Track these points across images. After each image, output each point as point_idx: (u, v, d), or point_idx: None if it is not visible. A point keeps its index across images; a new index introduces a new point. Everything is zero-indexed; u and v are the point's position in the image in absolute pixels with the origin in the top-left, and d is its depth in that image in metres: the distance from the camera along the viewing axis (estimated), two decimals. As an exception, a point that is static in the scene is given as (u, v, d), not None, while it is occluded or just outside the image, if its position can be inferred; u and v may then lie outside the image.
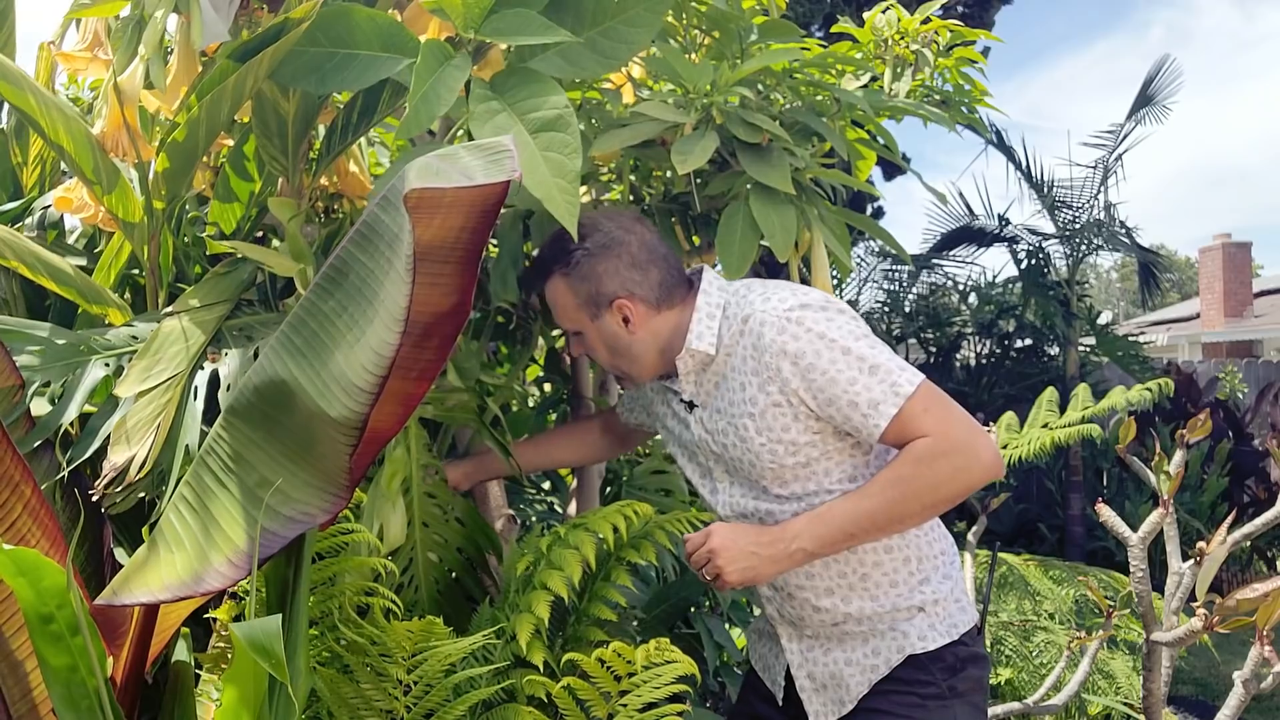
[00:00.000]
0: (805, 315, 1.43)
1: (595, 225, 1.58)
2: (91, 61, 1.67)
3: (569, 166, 1.36)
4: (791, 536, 1.41)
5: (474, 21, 1.45)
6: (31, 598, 0.95)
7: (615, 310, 1.57)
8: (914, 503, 1.39)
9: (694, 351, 1.54)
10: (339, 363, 0.98)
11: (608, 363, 1.63)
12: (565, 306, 1.60)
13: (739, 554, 1.42)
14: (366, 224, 0.99)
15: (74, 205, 1.71)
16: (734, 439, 1.50)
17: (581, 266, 1.57)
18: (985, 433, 1.41)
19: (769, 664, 1.68)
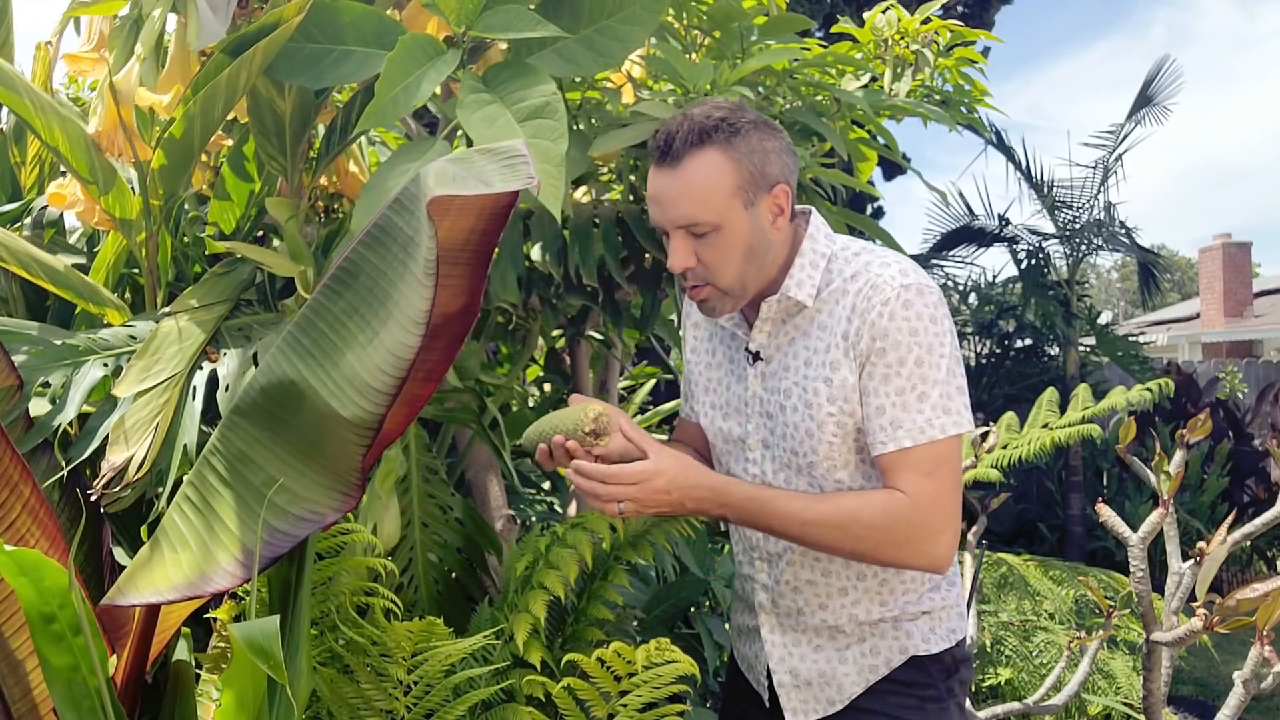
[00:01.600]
0: (917, 300, 1.32)
1: (739, 106, 1.37)
2: (97, 62, 1.67)
3: (555, 151, 1.37)
4: (721, 503, 1.34)
5: (467, 17, 1.46)
6: (33, 597, 0.95)
7: (774, 197, 1.35)
8: (849, 545, 1.33)
9: (789, 299, 1.39)
10: (351, 364, 0.98)
11: (734, 272, 1.36)
12: (713, 190, 1.31)
13: (663, 500, 1.31)
14: (378, 226, 0.99)
15: (67, 201, 1.71)
16: (798, 401, 1.37)
17: (749, 138, 1.33)
18: (955, 530, 1.35)
19: (751, 663, 1.57)
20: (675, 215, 1.33)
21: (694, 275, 1.35)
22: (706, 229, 1.32)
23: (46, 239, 2.05)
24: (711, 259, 1.34)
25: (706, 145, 1.31)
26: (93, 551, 1.39)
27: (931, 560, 1.32)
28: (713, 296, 1.38)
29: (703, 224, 1.32)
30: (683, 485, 1.31)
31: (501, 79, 1.45)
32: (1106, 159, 7.35)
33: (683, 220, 1.32)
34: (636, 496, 1.29)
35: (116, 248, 1.85)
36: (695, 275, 1.35)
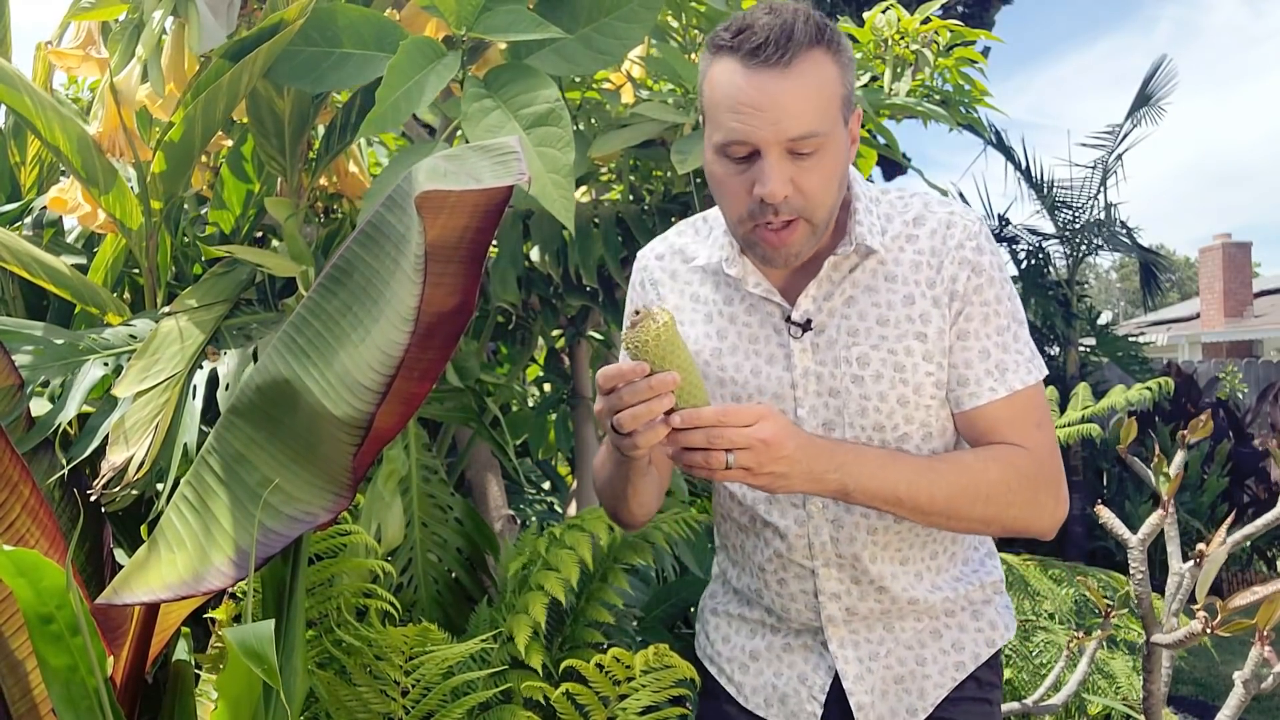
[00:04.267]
0: (987, 233, 1.21)
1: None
2: (84, 60, 1.67)
3: (562, 161, 1.37)
4: (838, 465, 1.09)
5: (467, 19, 1.46)
6: (31, 598, 0.95)
7: (856, 119, 1.19)
8: (977, 510, 1.15)
9: (860, 247, 1.19)
10: (344, 362, 0.98)
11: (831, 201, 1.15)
12: (830, 97, 1.11)
13: (785, 455, 1.05)
14: (372, 224, 0.99)
15: (69, 206, 1.71)
16: (881, 367, 1.18)
17: (845, 50, 1.14)
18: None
19: (794, 687, 1.30)
20: (788, 125, 1.07)
21: (788, 206, 1.10)
22: (816, 144, 1.09)
23: (46, 239, 2.05)
24: (812, 184, 1.11)
25: (820, 46, 1.09)
26: (93, 551, 1.39)
27: (1054, 519, 1.20)
28: (802, 236, 1.14)
29: (818, 135, 1.09)
30: (804, 443, 1.07)
31: (503, 82, 1.45)
32: (1106, 159, 7.35)
33: (798, 131, 1.07)
34: (754, 444, 1.03)
35: (116, 248, 1.86)
36: (790, 206, 1.10)
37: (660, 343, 1.00)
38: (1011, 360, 1.19)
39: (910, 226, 1.21)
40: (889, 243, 1.21)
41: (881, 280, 1.20)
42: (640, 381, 1.01)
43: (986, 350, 1.18)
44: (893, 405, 1.19)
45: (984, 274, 1.19)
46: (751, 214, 1.13)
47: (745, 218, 1.14)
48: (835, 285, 1.21)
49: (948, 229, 1.20)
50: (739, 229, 1.16)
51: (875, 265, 1.21)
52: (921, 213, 1.22)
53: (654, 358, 1.00)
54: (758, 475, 1.05)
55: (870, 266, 1.21)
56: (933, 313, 1.18)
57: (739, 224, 1.15)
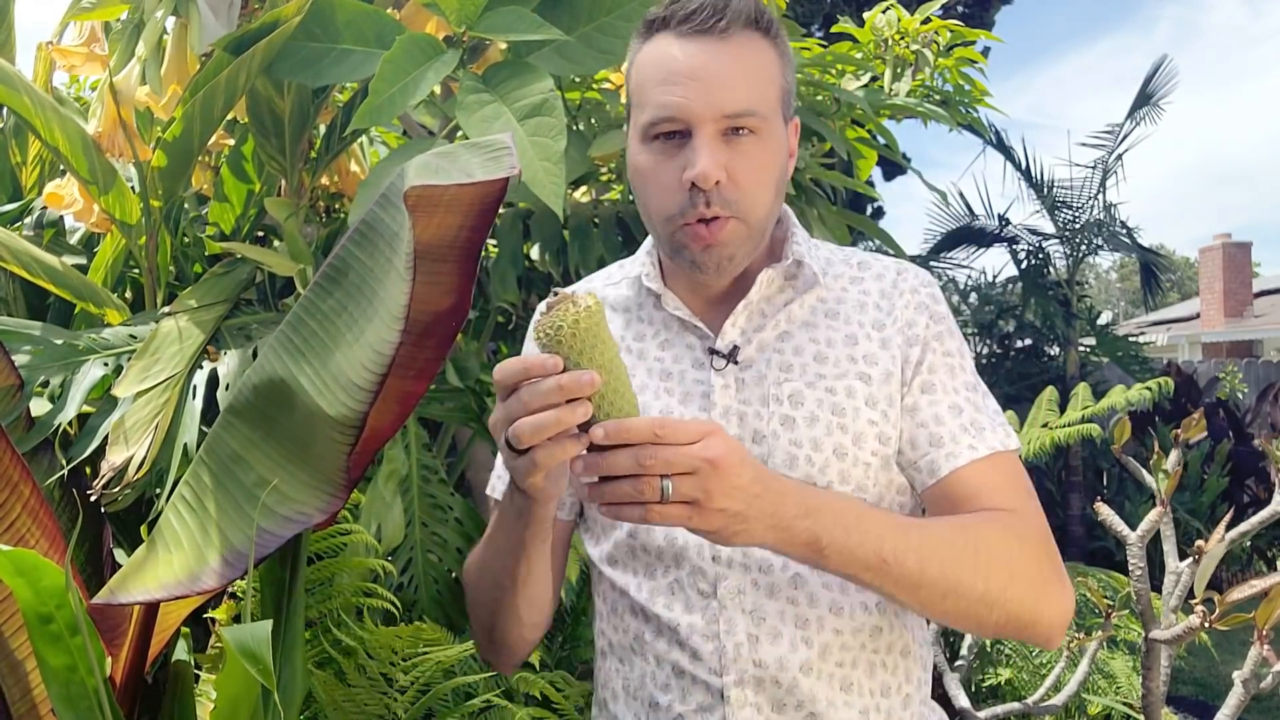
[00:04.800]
0: (936, 284, 1.10)
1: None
2: (87, 58, 1.67)
3: (554, 149, 1.38)
4: (807, 510, 0.86)
5: (468, 18, 1.46)
6: (30, 598, 0.95)
7: (794, 129, 1.08)
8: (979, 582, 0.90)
9: (799, 266, 1.06)
10: (339, 361, 0.98)
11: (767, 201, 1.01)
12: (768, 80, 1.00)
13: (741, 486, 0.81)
14: (366, 223, 0.99)
15: (65, 202, 1.71)
16: (816, 410, 1.00)
17: (786, 46, 1.05)
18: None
19: None
20: (723, 98, 0.96)
21: (721, 199, 0.97)
22: (754, 126, 0.98)
23: (46, 239, 2.05)
24: (748, 175, 0.98)
25: (758, 30, 1.00)
26: (93, 552, 1.39)
27: (1061, 611, 0.95)
28: (736, 236, 1.00)
29: (755, 115, 0.97)
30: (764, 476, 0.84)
31: (500, 78, 1.45)
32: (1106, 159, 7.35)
33: (733, 105, 0.96)
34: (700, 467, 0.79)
35: (116, 247, 1.86)
36: (723, 199, 0.97)
37: (580, 332, 0.77)
38: (987, 420, 1.02)
39: (855, 269, 1.09)
40: (831, 281, 1.08)
41: (821, 317, 1.06)
42: (549, 380, 0.78)
43: (958, 406, 1.01)
44: (828, 456, 0.99)
45: (944, 322, 1.05)
46: (681, 209, 0.99)
47: (674, 214, 0.99)
48: (768, 317, 1.06)
49: (898, 274, 1.08)
50: (666, 229, 1.01)
51: (815, 301, 1.07)
52: (867, 260, 1.11)
53: (571, 352, 0.78)
54: (705, 513, 0.80)
55: (809, 302, 1.06)
56: (880, 354, 1.03)
57: (666, 222, 1.01)
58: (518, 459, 0.83)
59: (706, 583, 1.01)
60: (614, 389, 0.80)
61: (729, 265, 1.02)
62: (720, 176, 0.96)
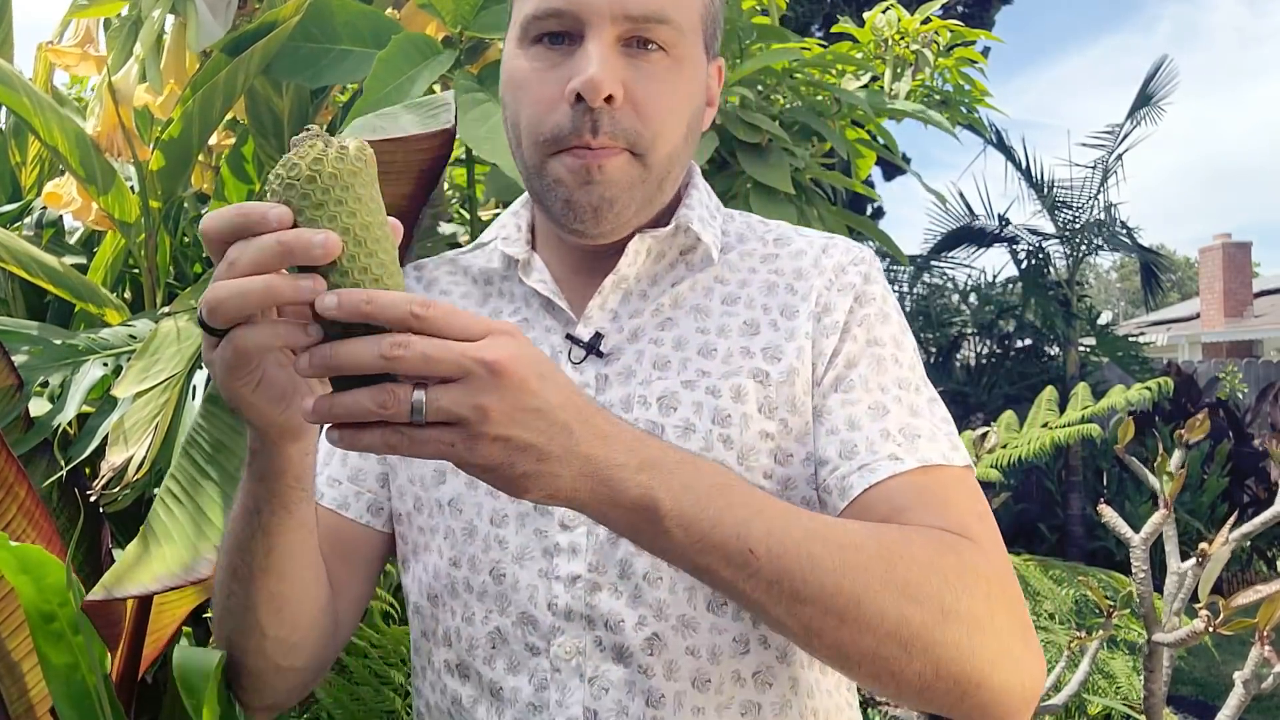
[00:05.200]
0: (880, 269, 0.88)
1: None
2: (82, 58, 1.67)
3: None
4: (643, 461, 0.62)
5: (464, 18, 1.47)
6: (34, 595, 0.95)
7: (716, 68, 0.89)
8: (893, 604, 0.64)
9: (688, 234, 0.86)
10: None
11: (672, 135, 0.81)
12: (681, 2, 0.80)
13: (539, 409, 0.58)
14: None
15: (63, 201, 1.71)
16: (693, 416, 0.78)
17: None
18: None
19: None
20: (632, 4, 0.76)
21: (613, 123, 0.76)
22: (665, 39, 0.78)
23: (46, 239, 2.05)
24: (652, 99, 0.78)
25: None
26: (92, 552, 1.39)
27: (1027, 682, 0.68)
28: (625, 173, 0.78)
29: (668, 25, 0.77)
30: (578, 403, 0.60)
31: (496, 77, 1.46)
32: (1106, 159, 7.35)
33: (640, 7, 0.76)
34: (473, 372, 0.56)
35: (115, 247, 1.86)
36: (616, 124, 0.76)
37: (322, 178, 0.56)
38: (925, 427, 0.77)
39: (771, 245, 0.88)
40: (736, 260, 0.87)
41: (717, 301, 0.84)
42: (266, 236, 0.56)
43: (882, 406, 0.77)
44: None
45: (872, 305, 0.83)
46: (558, 130, 0.76)
47: (548, 135, 0.77)
48: (649, 300, 0.84)
49: (823, 251, 0.86)
50: (535, 155, 0.79)
51: (710, 282, 0.85)
52: (788, 234, 0.89)
53: (306, 204, 0.56)
54: (477, 441, 0.57)
55: (703, 283, 0.85)
56: (785, 347, 0.80)
57: (537, 147, 0.78)
58: (216, 348, 0.60)
59: (538, 636, 0.76)
60: (365, 261, 0.57)
61: (610, 213, 0.78)
62: (615, 92, 0.75)
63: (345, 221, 0.57)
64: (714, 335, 0.83)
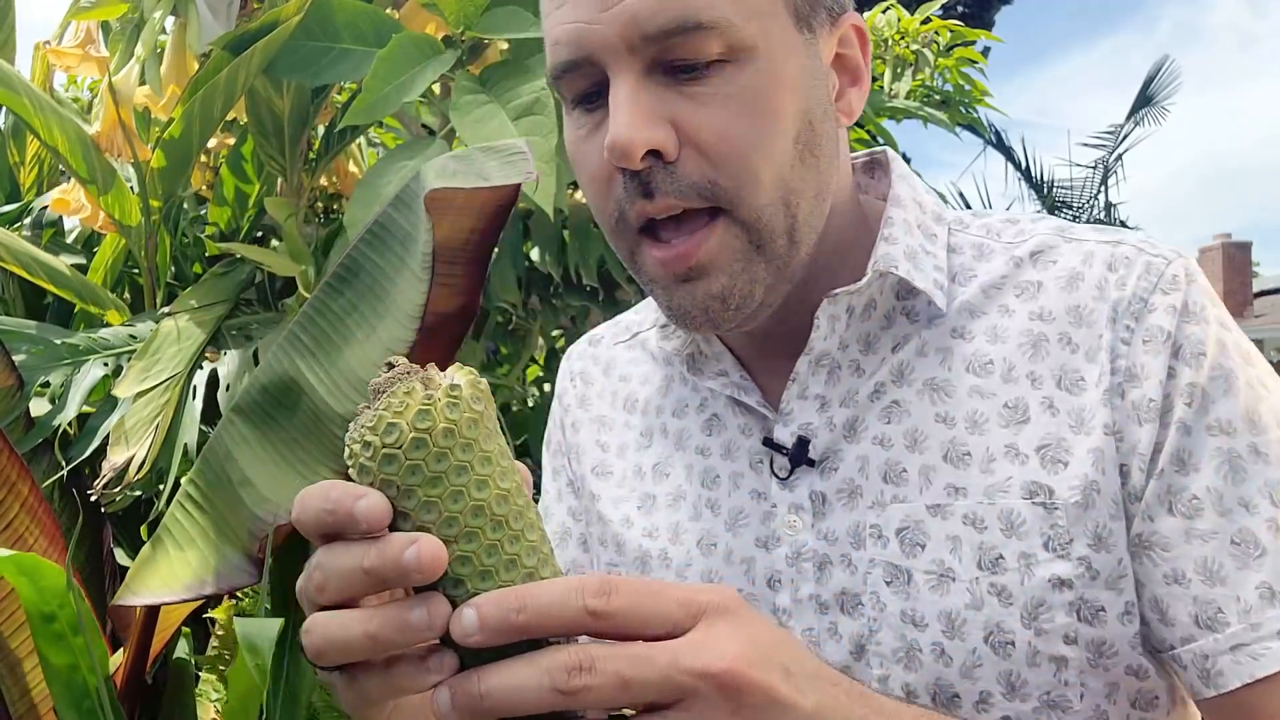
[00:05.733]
0: (1205, 283, 0.59)
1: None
2: (83, 59, 1.67)
3: (546, 147, 1.38)
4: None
5: (467, 18, 1.47)
6: (34, 597, 0.95)
7: (840, 30, 0.62)
8: None
9: (893, 279, 0.63)
10: (348, 360, 0.98)
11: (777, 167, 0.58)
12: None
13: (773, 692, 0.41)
14: (379, 223, 1.00)
15: (71, 207, 1.71)
16: (949, 558, 0.57)
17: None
18: None
19: None
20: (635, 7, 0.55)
21: (670, 178, 0.57)
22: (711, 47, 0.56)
23: (46, 239, 2.05)
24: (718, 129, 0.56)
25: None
26: (93, 552, 1.39)
27: None
28: (728, 249, 0.58)
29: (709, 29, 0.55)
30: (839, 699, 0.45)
31: (496, 78, 1.46)
32: (1106, 159, 7.37)
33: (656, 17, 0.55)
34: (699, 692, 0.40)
35: (116, 248, 1.86)
36: (676, 178, 0.57)
37: (441, 443, 0.41)
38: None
39: (1023, 267, 0.62)
40: (977, 297, 0.62)
41: (959, 371, 0.60)
42: (354, 547, 0.41)
43: (1253, 539, 0.53)
44: (976, 647, 0.55)
45: (1203, 361, 0.56)
46: (620, 210, 0.59)
47: (614, 221, 0.60)
48: (861, 374, 0.63)
49: (1109, 269, 0.59)
50: (621, 244, 0.62)
51: (945, 340, 0.61)
52: (1049, 242, 0.62)
53: (424, 481, 0.41)
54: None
55: (935, 342, 0.62)
56: (1073, 444, 0.56)
57: (615, 236, 0.61)
58: (332, 678, 0.45)
59: None
60: (511, 549, 0.41)
61: (726, 312, 0.58)
62: (658, 143, 0.55)
63: (474, 497, 0.41)
64: (963, 428, 0.59)
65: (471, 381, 0.43)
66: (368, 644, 0.41)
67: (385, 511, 0.40)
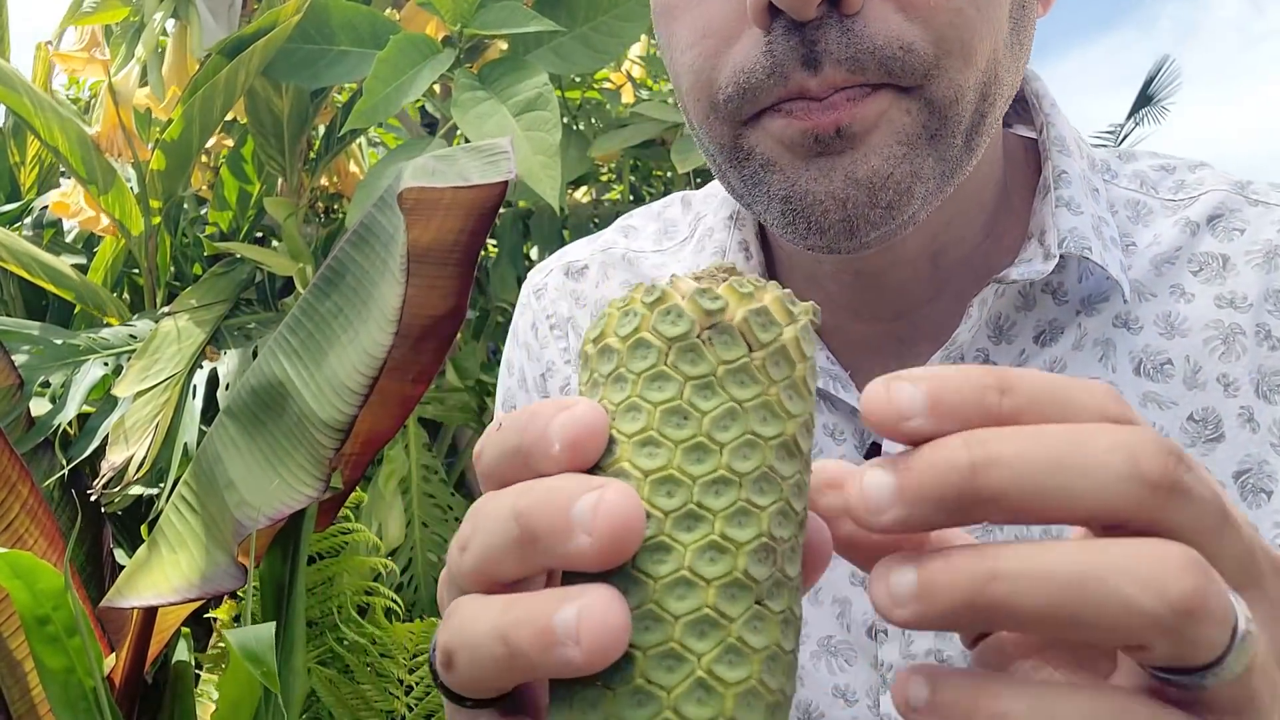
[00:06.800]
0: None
1: None
2: (89, 61, 1.67)
3: (549, 142, 1.38)
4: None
5: (464, 16, 1.47)
6: (28, 600, 0.95)
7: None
8: None
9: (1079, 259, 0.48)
10: (332, 364, 0.98)
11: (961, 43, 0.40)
12: None
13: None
14: (364, 225, 1.00)
15: (72, 210, 1.72)
16: None
17: None
18: None
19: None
20: None
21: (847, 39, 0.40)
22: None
23: (46, 239, 2.05)
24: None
25: None
26: (93, 552, 1.39)
27: None
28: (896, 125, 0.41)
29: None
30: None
31: (496, 75, 1.46)
32: (1108, 158, 7.37)
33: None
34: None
35: (116, 248, 1.86)
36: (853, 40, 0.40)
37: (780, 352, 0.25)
38: None
39: (1200, 235, 0.50)
40: (1147, 272, 0.49)
41: (1126, 372, 0.48)
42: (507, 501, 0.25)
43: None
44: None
45: None
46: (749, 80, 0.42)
47: (734, 93, 0.43)
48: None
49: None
50: (722, 127, 0.44)
51: (1107, 330, 0.49)
52: (1230, 203, 0.50)
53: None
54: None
55: (1094, 332, 0.49)
56: (1277, 467, 0.46)
57: (719, 114, 0.44)
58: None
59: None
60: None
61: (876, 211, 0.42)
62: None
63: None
64: None
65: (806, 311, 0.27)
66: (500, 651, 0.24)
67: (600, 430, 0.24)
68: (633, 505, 0.22)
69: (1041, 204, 0.48)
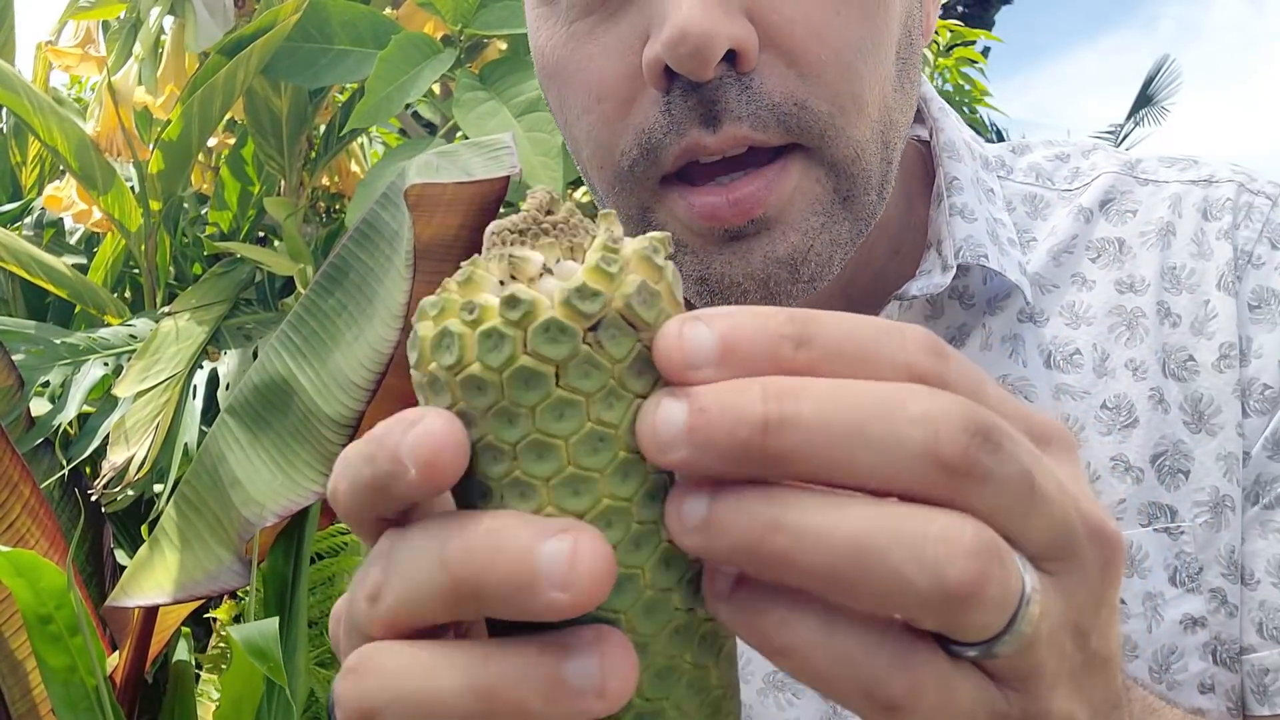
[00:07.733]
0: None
1: None
2: (83, 58, 1.67)
3: (551, 143, 1.38)
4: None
5: (464, 16, 1.47)
6: (30, 599, 0.95)
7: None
8: None
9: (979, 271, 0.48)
10: (337, 361, 0.98)
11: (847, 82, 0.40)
12: None
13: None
14: (366, 222, 1.00)
15: (64, 204, 1.72)
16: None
17: None
18: None
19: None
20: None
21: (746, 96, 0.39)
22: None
23: (46, 239, 2.05)
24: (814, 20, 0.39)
25: None
26: (93, 551, 1.39)
27: None
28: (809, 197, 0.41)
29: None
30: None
31: (497, 75, 1.47)
32: (1107, 158, 7.39)
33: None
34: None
35: (115, 248, 1.86)
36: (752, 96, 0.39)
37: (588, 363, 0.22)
38: None
39: (1094, 221, 0.50)
40: (1043, 268, 0.49)
41: (1037, 366, 0.48)
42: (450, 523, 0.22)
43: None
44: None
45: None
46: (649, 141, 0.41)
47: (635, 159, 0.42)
48: None
49: (1203, 216, 0.48)
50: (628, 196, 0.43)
51: (1013, 326, 0.49)
52: (1120, 185, 0.51)
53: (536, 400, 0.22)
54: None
55: (1000, 330, 0.49)
56: (1192, 450, 0.45)
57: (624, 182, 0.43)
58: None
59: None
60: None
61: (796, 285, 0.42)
62: (738, 39, 0.38)
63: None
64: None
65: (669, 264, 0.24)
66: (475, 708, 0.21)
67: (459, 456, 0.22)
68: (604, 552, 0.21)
69: (937, 212, 0.48)
